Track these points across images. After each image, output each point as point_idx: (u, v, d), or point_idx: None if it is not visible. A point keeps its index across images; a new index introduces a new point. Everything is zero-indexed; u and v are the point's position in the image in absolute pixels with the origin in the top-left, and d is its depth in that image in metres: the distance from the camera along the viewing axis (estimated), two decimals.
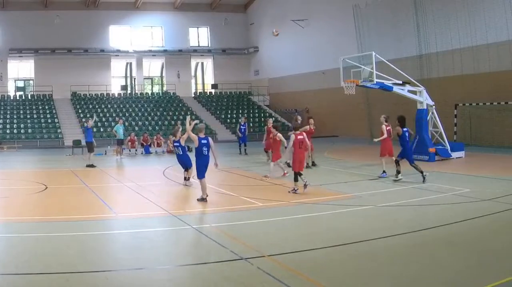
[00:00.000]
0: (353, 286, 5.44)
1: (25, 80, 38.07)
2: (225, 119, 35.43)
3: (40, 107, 33.68)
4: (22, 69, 37.98)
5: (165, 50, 39.56)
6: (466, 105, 22.51)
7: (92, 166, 17.40)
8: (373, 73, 16.33)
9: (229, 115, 36.09)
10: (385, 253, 6.57)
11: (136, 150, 23.25)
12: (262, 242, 7.09)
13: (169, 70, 40.24)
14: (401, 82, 17.36)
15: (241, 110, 36.84)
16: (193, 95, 40.15)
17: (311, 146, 15.10)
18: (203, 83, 42.75)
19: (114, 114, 33.42)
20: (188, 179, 12.67)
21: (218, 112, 36.40)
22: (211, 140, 10.37)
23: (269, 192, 11.50)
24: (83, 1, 36.62)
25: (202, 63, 42.72)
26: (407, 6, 25.31)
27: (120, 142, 21.70)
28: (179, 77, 40.00)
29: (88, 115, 30.17)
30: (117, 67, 39.83)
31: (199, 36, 41.22)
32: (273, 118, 26.63)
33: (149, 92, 40.30)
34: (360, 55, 19.53)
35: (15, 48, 35.16)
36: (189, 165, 12.56)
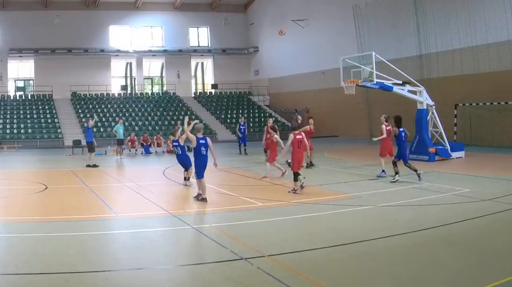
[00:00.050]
0: (353, 286, 5.44)
1: (25, 80, 38.06)
2: (225, 119, 35.42)
3: (40, 107, 33.68)
4: (22, 69, 37.97)
5: (165, 50, 39.55)
6: (466, 105, 22.51)
7: (94, 165, 17.40)
8: (373, 73, 16.33)
9: (229, 115, 36.08)
10: (385, 253, 6.57)
11: (136, 150, 23.26)
12: (262, 242, 7.09)
13: (169, 70, 40.23)
14: (401, 82, 17.36)
15: (241, 110, 36.84)
16: (193, 95, 40.14)
17: (311, 146, 15.09)
18: (203, 83, 42.74)
19: (114, 114, 33.42)
20: (188, 179, 12.67)
21: (218, 112, 36.39)
22: (209, 140, 10.36)
23: (269, 192, 11.50)
24: (83, 1, 36.61)
25: (202, 63, 42.71)
26: (407, 6, 25.30)
27: (120, 143, 21.70)
28: (179, 77, 39.99)
29: (88, 116, 30.18)
30: (117, 67, 39.82)
31: (199, 36, 41.21)
32: (273, 118, 26.66)
33: (149, 92, 40.29)
34: (360, 55, 19.52)
35: (15, 48, 35.16)
36: (189, 164, 12.55)
